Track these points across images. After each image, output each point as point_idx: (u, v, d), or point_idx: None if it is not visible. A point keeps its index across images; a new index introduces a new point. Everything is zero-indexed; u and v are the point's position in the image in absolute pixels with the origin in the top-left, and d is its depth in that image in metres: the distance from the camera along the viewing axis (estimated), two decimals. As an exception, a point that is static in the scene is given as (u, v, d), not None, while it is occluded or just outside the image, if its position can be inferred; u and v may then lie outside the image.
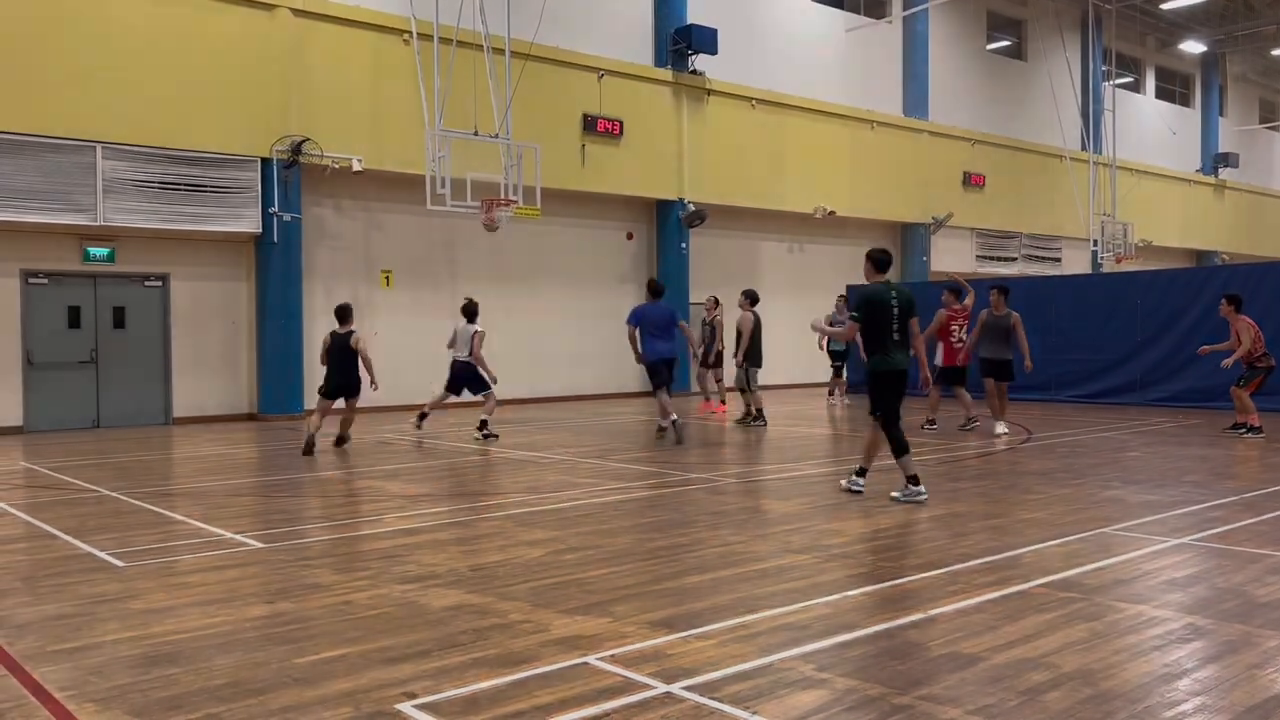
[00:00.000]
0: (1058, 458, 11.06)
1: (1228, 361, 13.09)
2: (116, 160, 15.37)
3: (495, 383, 13.55)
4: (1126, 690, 3.94)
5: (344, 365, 12.36)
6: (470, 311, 13.55)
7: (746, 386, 14.97)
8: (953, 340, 13.78)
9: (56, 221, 15.01)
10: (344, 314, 12.62)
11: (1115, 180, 29.86)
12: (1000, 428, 13.06)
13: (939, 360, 13.78)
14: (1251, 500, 8.11)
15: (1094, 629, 4.70)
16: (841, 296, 19.69)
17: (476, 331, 13.34)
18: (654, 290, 13.40)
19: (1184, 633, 4.66)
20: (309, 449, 11.84)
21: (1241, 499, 8.17)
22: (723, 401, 17.54)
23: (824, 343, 19.73)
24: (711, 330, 17.01)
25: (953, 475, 9.80)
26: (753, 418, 14.88)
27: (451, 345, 13.62)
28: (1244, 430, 12.96)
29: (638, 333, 12.81)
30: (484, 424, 13.41)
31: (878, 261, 8.54)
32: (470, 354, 13.31)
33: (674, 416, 12.73)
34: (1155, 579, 5.69)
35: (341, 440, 12.71)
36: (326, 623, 4.95)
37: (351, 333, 12.44)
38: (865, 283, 8.71)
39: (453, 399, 13.91)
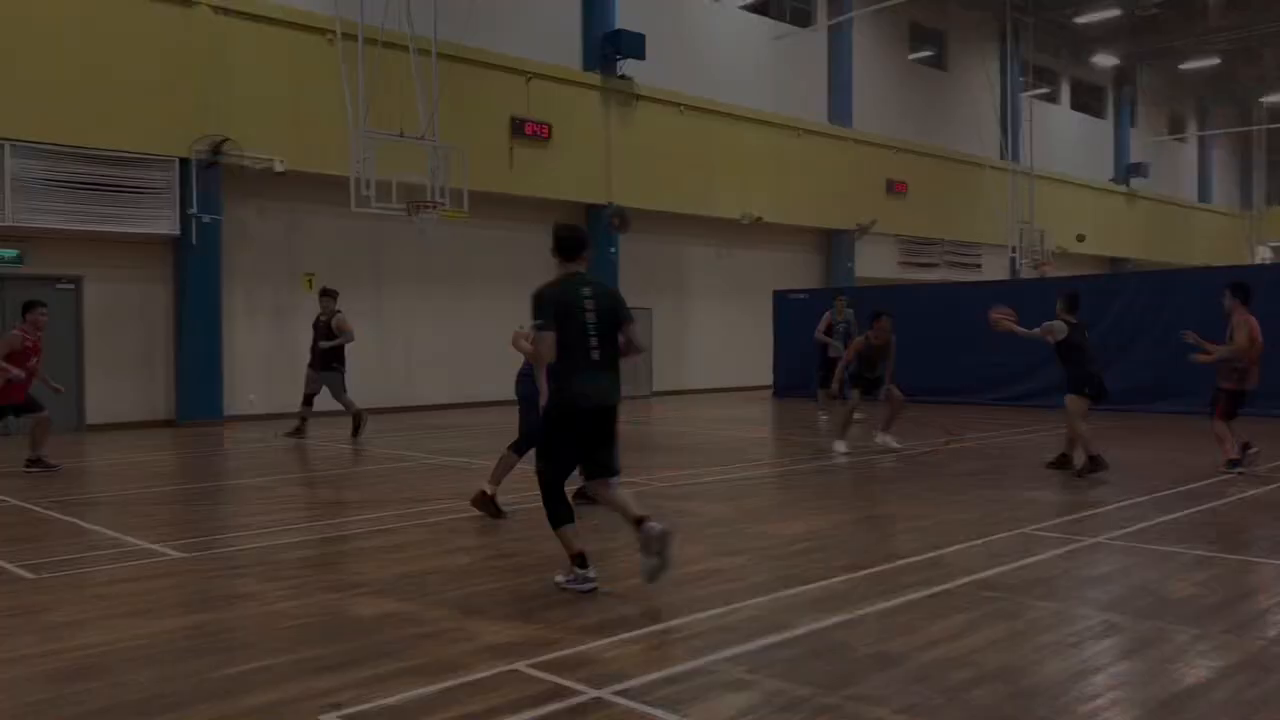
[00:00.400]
0: (980, 460, 11.30)
1: (1202, 356, 10.21)
2: (26, 159, 14.84)
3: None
4: (1046, 686, 4.04)
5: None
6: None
7: None
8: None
9: (-39, 221, 14.47)
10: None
11: (1033, 188, 30.66)
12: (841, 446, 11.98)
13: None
14: (1162, 500, 8.38)
15: (1015, 627, 4.82)
16: (839, 297, 17.18)
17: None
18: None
19: (1100, 629, 4.79)
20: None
21: (1153, 498, 8.44)
22: None
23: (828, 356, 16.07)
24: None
25: (879, 477, 9.95)
26: None
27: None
28: (1238, 468, 9.79)
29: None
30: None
31: (563, 241, 5.77)
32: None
33: None
34: (1073, 577, 5.84)
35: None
36: (249, 633, 4.85)
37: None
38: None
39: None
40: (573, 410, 5.64)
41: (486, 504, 7.88)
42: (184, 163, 16.20)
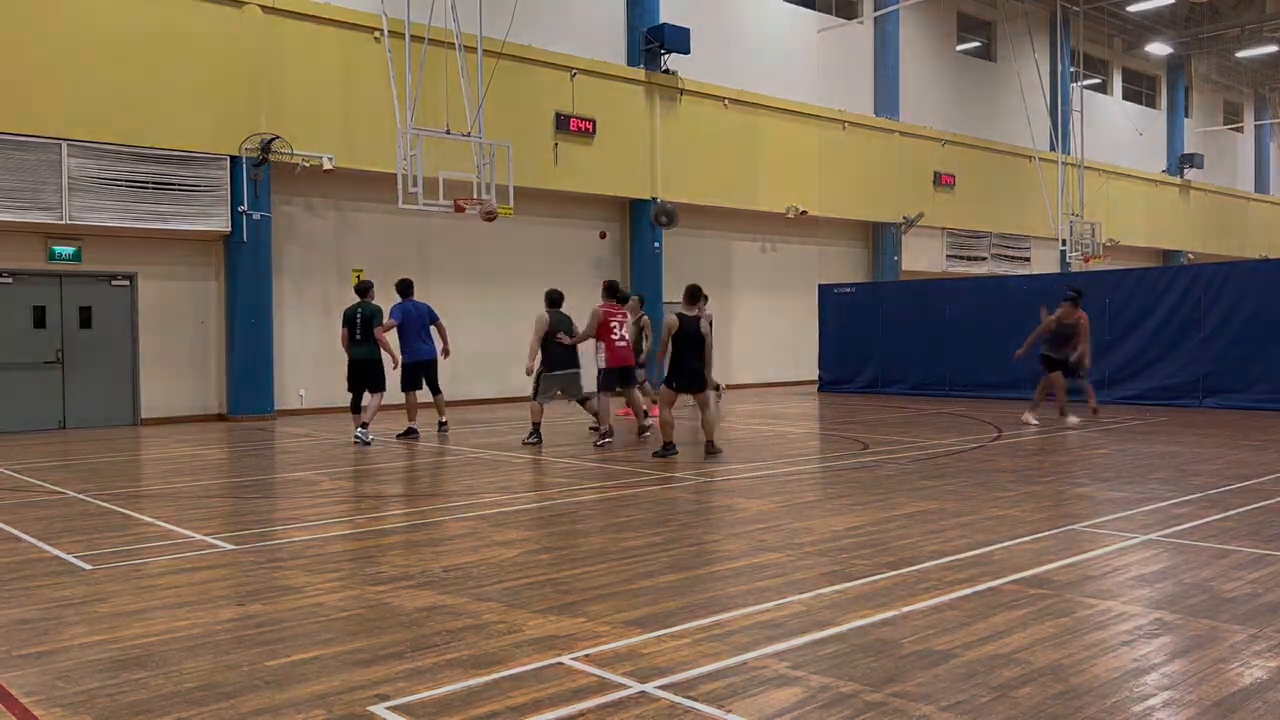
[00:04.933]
0: (1027, 455, 11.16)
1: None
2: (83, 158, 15.18)
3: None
4: (1096, 685, 3.98)
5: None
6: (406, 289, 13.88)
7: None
8: (615, 339, 12.50)
9: (21, 220, 14.80)
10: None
11: (1083, 180, 30.17)
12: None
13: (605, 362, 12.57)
14: (1217, 497, 8.22)
15: (1063, 625, 4.75)
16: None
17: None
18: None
19: (1152, 628, 4.71)
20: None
21: (1207, 495, 8.28)
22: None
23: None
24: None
25: (925, 473, 9.86)
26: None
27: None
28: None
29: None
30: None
31: None
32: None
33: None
34: (1123, 575, 5.75)
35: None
36: (298, 625, 4.92)
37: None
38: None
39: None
40: None
41: None
42: (235, 161, 16.47)
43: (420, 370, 13.64)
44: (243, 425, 16.06)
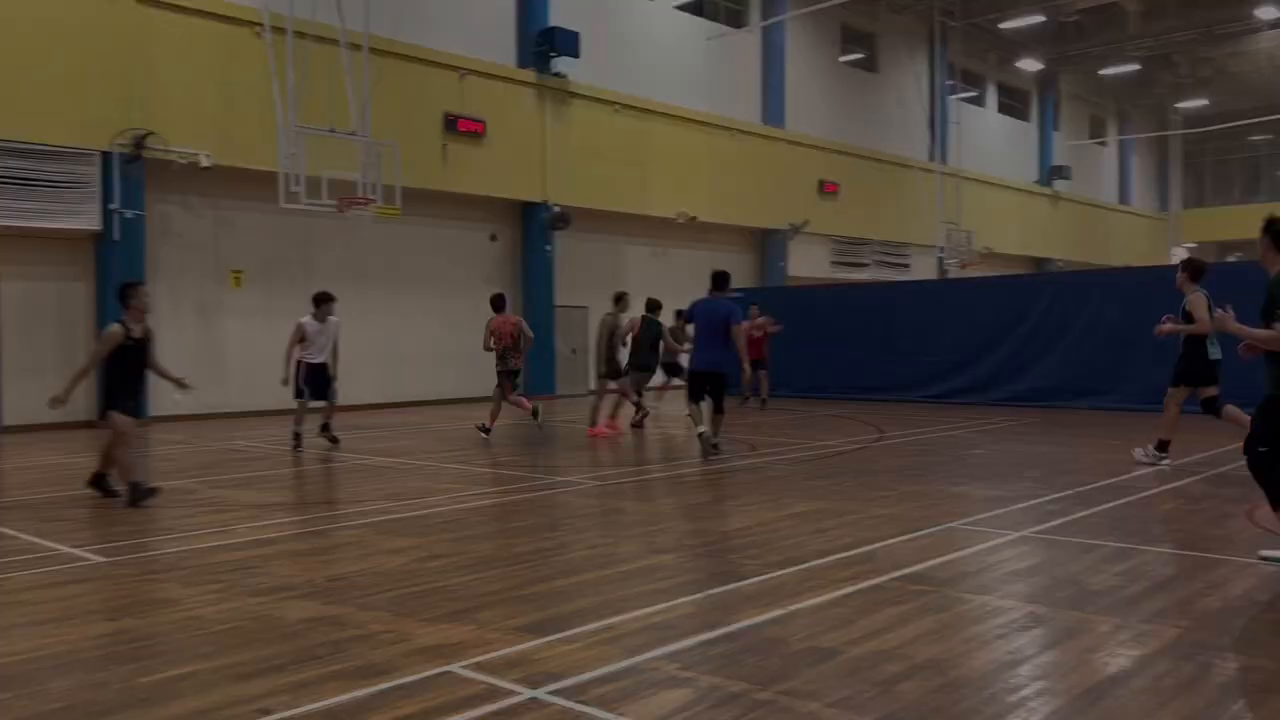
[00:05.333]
0: (908, 456, 11.48)
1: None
2: (-62, 151, 14.36)
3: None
4: (974, 678, 4.12)
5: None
6: (326, 300, 12.63)
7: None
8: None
9: None
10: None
11: (960, 190, 31.25)
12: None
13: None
14: (1085, 494, 8.60)
15: (943, 620, 4.91)
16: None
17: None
18: (717, 282, 11.61)
19: (1025, 621, 4.90)
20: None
21: (1076, 493, 8.65)
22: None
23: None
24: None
25: (810, 473, 10.06)
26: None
27: (303, 343, 12.41)
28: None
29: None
30: (327, 426, 12.80)
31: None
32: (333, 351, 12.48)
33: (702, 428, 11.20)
34: (998, 570, 5.97)
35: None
36: (174, 639, 4.74)
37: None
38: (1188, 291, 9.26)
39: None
40: None
41: None
42: (106, 156, 15.79)
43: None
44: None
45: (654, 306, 14.41)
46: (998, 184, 36.12)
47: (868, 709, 3.76)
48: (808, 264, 28.56)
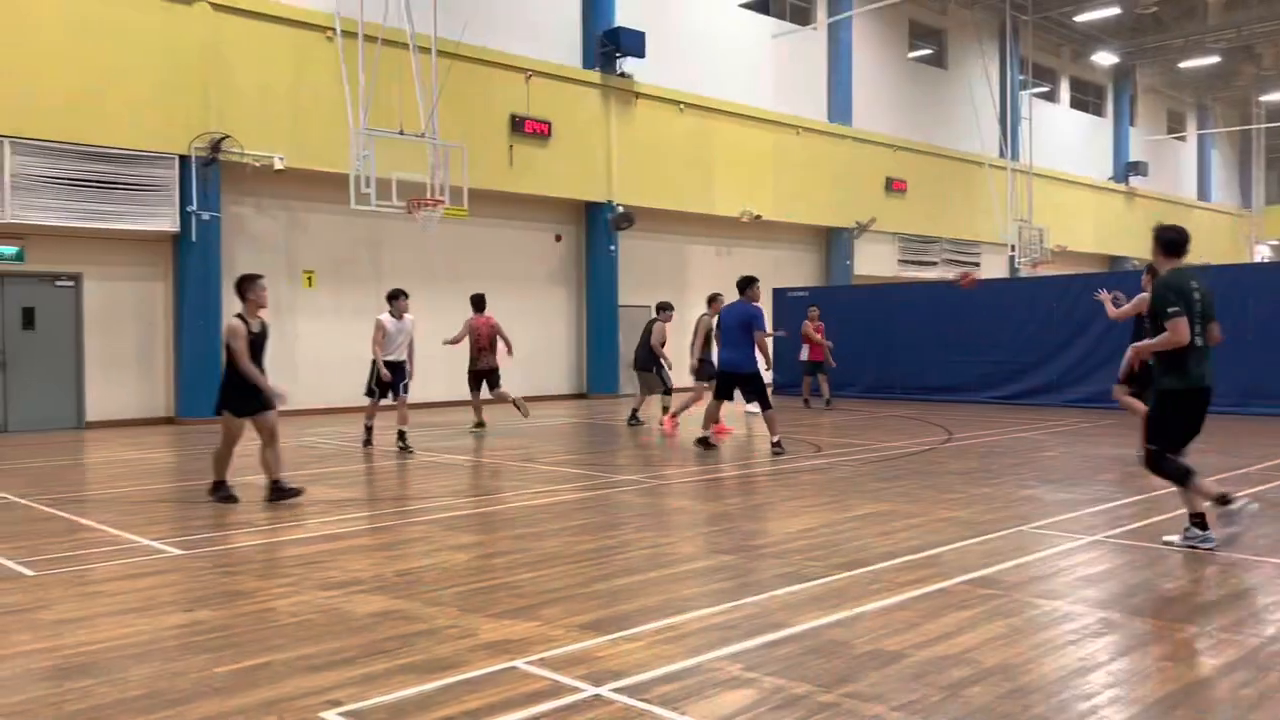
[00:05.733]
0: (976, 458, 11.30)
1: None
2: (26, 156, 14.85)
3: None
4: (1044, 684, 4.05)
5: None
6: (399, 297, 12.69)
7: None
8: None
9: (-39, 218, 14.47)
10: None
11: (1032, 186, 30.66)
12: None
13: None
14: (1159, 498, 8.39)
15: (1012, 625, 4.82)
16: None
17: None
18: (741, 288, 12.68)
19: (1097, 627, 4.80)
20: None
21: (1149, 497, 8.44)
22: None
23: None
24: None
25: (876, 475, 9.96)
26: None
27: (382, 340, 12.46)
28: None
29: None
30: (402, 435, 12.45)
31: (1169, 243, 6.87)
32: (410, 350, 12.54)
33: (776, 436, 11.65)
34: (1070, 575, 5.85)
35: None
36: (247, 631, 4.85)
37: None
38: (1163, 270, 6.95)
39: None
40: (1193, 391, 6.37)
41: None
42: (183, 160, 16.22)
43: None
44: (191, 428, 15.80)
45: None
46: (1070, 181, 35.35)
47: (934, 713, 3.71)
48: (874, 262, 28.26)
